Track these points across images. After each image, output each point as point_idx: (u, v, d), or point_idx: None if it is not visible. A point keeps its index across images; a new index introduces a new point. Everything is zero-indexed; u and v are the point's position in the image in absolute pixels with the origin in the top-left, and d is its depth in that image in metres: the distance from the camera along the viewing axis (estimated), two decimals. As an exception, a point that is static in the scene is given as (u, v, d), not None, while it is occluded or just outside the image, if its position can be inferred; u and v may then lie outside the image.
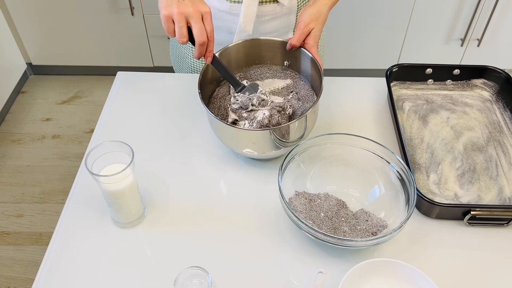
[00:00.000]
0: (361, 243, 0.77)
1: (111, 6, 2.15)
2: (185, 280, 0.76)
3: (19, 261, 1.74)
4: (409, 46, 2.26)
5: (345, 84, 1.16)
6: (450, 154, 0.98)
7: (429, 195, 0.89)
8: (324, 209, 0.85)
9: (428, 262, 0.82)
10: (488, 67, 1.09)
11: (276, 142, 0.87)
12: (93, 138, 1.02)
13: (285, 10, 1.06)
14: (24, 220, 1.87)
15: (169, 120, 1.06)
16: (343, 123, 1.06)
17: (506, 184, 0.92)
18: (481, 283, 0.79)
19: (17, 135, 2.22)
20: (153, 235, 0.86)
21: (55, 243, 0.85)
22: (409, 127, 1.04)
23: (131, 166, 0.77)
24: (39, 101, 2.39)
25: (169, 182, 0.94)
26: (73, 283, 0.79)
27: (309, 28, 0.92)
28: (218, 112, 0.95)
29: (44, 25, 2.24)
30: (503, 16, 2.12)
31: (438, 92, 1.12)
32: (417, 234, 0.86)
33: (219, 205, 0.90)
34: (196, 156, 0.99)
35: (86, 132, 2.24)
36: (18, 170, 2.06)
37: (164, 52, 2.33)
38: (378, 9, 2.12)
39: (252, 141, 0.88)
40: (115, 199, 0.81)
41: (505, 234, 0.86)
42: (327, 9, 0.95)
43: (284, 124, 0.86)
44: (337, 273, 0.78)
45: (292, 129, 0.86)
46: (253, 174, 0.95)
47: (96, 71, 2.49)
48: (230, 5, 1.02)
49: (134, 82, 1.16)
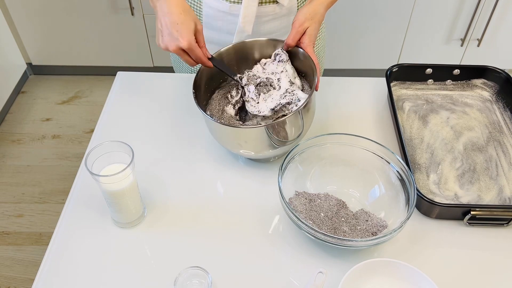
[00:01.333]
0: (361, 243, 0.77)
1: (111, 6, 2.15)
2: (185, 280, 0.76)
3: (19, 261, 1.74)
4: (409, 46, 2.26)
5: (345, 84, 1.16)
6: (450, 154, 0.98)
7: (429, 195, 0.89)
8: (324, 209, 0.85)
9: (428, 262, 0.82)
10: (488, 67, 1.09)
11: (272, 140, 0.86)
12: (93, 138, 1.02)
13: (285, 11, 1.05)
14: (24, 220, 1.87)
15: (169, 120, 1.06)
16: (343, 123, 1.06)
17: (506, 184, 0.92)
18: (481, 283, 0.79)
19: (17, 135, 2.22)
20: (153, 235, 0.86)
21: (55, 243, 0.85)
22: (409, 127, 1.04)
23: (131, 166, 0.77)
24: (39, 101, 2.39)
25: (169, 182, 0.94)
26: (73, 283, 0.79)
27: (304, 27, 0.91)
28: (217, 114, 0.95)
29: (44, 25, 2.24)
30: (503, 16, 2.12)
31: (438, 92, 1.12)
32: (417, 234, 0.86)
33: (219, 205, 0.90)
34: (196, 156, 0.99)
35: (86, 132, 2.24)
36: (18, 170, 2.06)
37: (164, 52, 2.33)
38: (378, 9, 2.12)
39: (244, 139, 0.87)
40: (115, 199, 0.81)
41: (505, 234, 0.86)
42: (323, 9, 0.94)
43: (276, 120, 0.86)
44: (337, 273, 0.78)
45: (288, 126, 0.86)
46: (253, 174, 0.95)
47: (96, 71, 2.49)
48: (230, 6, 1.02)
49: (134, 82, 1.16)
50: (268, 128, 0.84)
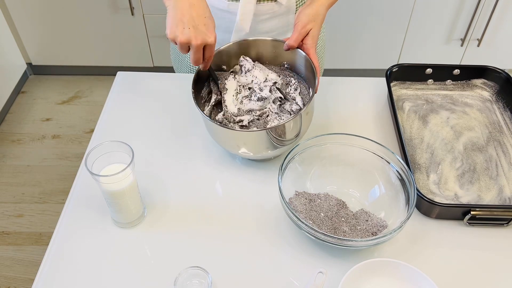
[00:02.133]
0: (361, 243, 0.77)
1: (111, 6, 2.15)
2: (185, 280, 0.76)
3: (19, 261, 1.74)
4: (409, 46, 2.26)
5: (345, 84, 1.16)
6: (450, 154, 0.98)
7: (429, 195, 0.89)
8: (324, 209, 0.85)
9: (428, 262, 0.82)
10: (488, 67, 1.09)
11: (273, 140, 0.86)
12: (93, 138, 1.02)
13: (283, 9, 1.05)
14: (24, 220, 1.87)
15: (169, 120, 1.06)
16: (343, 123, 1.06)
17: (506, 184, 0.92)
18: (481, 283, 0.79)
19: (17, 135, 2.22)
20: (153, 235, 0.86)
21: (55, 243, 0.85)
22: (409, 127, 1.04)
23: (131, 166, 0.77)
24: (39, 101, 2.39)
25: (169, 182, 0.94)
26: (73, 283, 0.79)
27: (307, 29, 0.91)
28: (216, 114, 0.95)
29: (44, 25, 2.24)
30: (503, 16, 2.12)
31: (438, 92, 1.12)
32: (417, 234, 0.86)
33: (219, 205, 0.90)
34: (196, 156, 0.99)
35: (86, 132, 2.24)
36: (18, 170, 2.06)
37: (164, 52, 2.33)
38: (378, 9, 2.12)
39: (243, 141, 0.88)
40: (115, 199, 0.81)
41: (505, 234, 0.86)
42: (324, 9, 0.94)
43: (275, 125, 0.86)
44: (337, 273, 0.78)
45: (287, 129, 0.86)
46: (253, 174, 0.95)
47: (96, 71, 2.49)
48: (228, 3, 1.02)
49: (134, 82, 1.16)
50: (267, 132, 0.84)
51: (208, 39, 0.81)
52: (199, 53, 0.83)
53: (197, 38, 0.80)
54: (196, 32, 0.80)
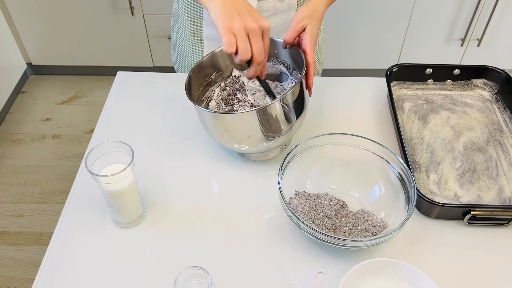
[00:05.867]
0: (361, 243, 0.77)
1: (111, 6, 2.15)
2: (185, 280, 0.76)
3: (19, 261, 1.74)
4: (409, 46, 2.26)
5: (345, 84, 1.16)
6: (450, 154, 0.98)
7: (429, 195, 0.89)
8: (324, 209, 0.85)
9: (428, 262, 0.82)
10: (488, 67, 1.09)
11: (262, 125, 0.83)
12: (93, 138, 1.02)
13: (285, 6, 1.06)
14: (24, 220, 1.87)
15: (169, 120, 1.06)
16: (343, 123, 1.06)
17: (506, 184, 0.92)
18: (481, 283, 0.79)
19: (17, 135, 2.22)
20: (153, 235, 0.86)
21: (55, 243, 0.85)
22: (409, 127, 1.04)
23: (131, 166, 0.77)
24: (39, 101, 2.39)
25: (169, 182, 0.94)
26: (73, 283, 0.79)
27: (302, 24, 0.90)
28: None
29: (44, 25, 2.24)
30: (503, 16, 2.12)
31: (438, 92, 1.12)
32: (417, 234, 0.86)
33: (220, 205, 0.90)
34: (197, 156, 0.99)
35: (86, 132, 2.24)
36: (18, 170, 2.06)
37: (164, 52, 2.33)
38: (378, 9, 2.12)
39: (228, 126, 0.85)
40: (115, 199, 0.81)
41: (505, 234, 0.86)
42: (323, 7, 0.93)
43: (263, 105, 0.82)
44: (337, 273, 0.78)
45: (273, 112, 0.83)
46: (253, 174, 0.95)
47: (96, 71, 2.49)
48: None
49: (134, 82, 1.16)
50: (257, 113, 0.81)
51: (264, 23, 0.79)
52: (260, 41, 0.78)
53: (256, 21, 0.77)
54: (253, 18, 0.78)
